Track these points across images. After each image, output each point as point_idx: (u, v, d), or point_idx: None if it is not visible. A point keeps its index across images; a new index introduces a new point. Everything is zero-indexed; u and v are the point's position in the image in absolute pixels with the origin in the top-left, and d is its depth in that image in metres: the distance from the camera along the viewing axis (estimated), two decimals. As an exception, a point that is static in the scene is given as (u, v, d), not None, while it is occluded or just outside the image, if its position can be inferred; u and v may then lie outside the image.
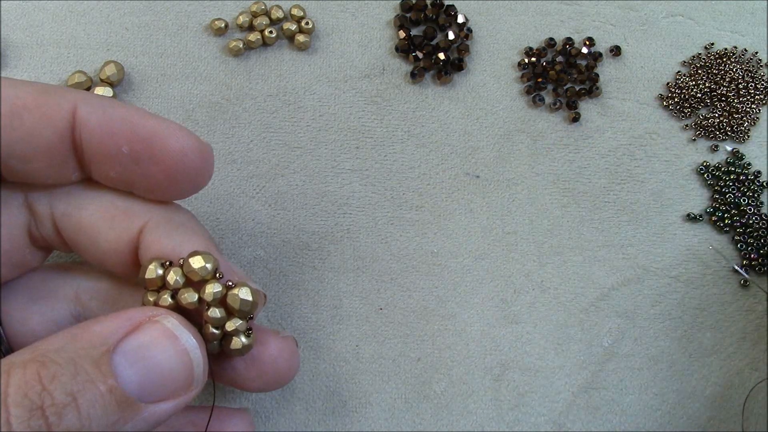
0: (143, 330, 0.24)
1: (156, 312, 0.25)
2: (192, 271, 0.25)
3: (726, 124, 0.38)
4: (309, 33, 0.38)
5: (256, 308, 0.26)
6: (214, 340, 0.26)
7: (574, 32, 0.39)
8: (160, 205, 0.27)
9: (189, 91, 0.37)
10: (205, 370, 0.25)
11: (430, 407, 0.34)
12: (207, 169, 0.27)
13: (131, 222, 0.27)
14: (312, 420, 0.33)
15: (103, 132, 0.25)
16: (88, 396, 0.21)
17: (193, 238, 0.27)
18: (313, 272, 0.35)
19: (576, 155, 0.37)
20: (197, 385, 0.25)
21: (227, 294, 0.25)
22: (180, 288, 0.25)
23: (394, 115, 0.37)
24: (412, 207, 0.36)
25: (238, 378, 0.28)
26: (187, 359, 0.24)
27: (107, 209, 0.27)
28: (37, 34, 0.37)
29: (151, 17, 0.38)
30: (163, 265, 0.25)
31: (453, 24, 0.39)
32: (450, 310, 0.35)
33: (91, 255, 0.27)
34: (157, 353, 0.23)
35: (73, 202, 0.27)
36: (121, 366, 0.23)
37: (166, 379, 0.24)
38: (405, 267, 0.35)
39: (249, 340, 0.26)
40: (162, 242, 0.26)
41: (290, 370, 0.28)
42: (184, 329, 0.24)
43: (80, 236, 0.27)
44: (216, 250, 0.27)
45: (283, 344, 0.28)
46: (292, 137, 0.37)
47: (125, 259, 0.27)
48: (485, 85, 0.38)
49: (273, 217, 0.36)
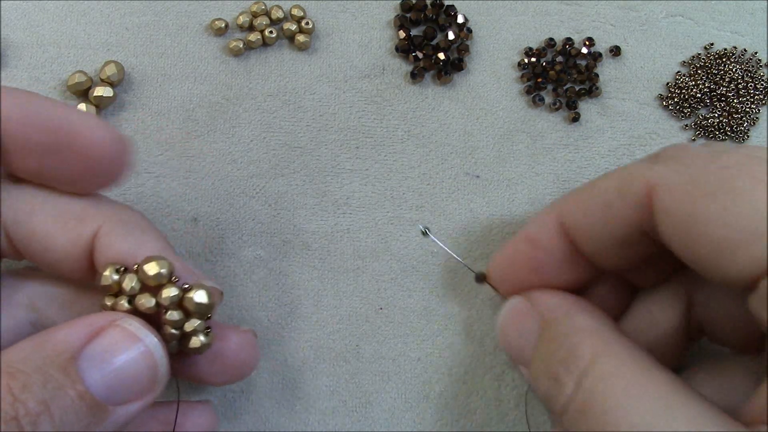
0: (106, 334, 0.24)
1: (116, 316, 0.25)
2: (148, 278, 0.25)
3: (726, 124, 0.38)
4: (309, 33, 0.38)
5: (213, 308, 0.26)
6: (173, 340, 0.26)
7: (574, 32, 0.39)
8: (112, 207, 0.28)
9: (189, 91, 0.37)
10: (167, 369, 0.25)
11: (430, 407, 0.34)
12: (124, 161, 0.27)
13: (84, 227, 0.27)
14: (312, 420, 0.33)
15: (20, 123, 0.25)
16: (59, 403, 0.22)
17: (147, 239, 0.27)
18: (313, 272, 0.35)
19: (576, 155, 0.38)
20: (161, 384, 0.25)
21: (184, 297, 0.26)
22: (136, 294, 0.26)
23: (394, 115, 0.37)
24: (412, 207, 0.36)
25: (202, 373, 0.28)
26: (151, 360, 0.25)
27: (59, 215, 0.27)
28: (37, 34, 0.37)
29: (151, 17, 0.38)
30: (119, 271, 0.26)
31: (453, 24, 0.39)
32: (450, 309, 0.35)
33: (44, 262, 0.27)
34: (122, 356, 0.24)
35: (23, 208, 0.27)
36: (87, 371, 0.23)
37: (131, 381, 0.24)
38: (405, 267, 0.35)
39: (208, 338, 0.27)
40: (117, 246, 0.26)
41: (251, 362, 0.29)
42: (146, 330, 0.25)
43: (33, 243, 0.27)
44: (170, 250, 0.28)
45: (243, 338, 0.29)
46: (292, 137, 0.37)
47: (80, 264, 0.27)
48: (485, 85, 0.38)
49: (273, 217, 0.36)
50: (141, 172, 0.35)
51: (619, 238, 0.27)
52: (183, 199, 0.35)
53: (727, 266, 0.23)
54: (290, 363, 0.34)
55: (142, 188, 0.35)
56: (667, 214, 0.24)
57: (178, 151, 0.36)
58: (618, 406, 0.23)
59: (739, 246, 0.22)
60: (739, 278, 0.23)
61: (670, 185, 0.24)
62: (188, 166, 0.36)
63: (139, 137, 0.36)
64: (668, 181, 0.24)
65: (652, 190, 0.25)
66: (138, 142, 0.36)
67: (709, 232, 0.23)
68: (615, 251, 0.28)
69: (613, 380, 0.24)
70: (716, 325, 0.29)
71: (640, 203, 0.25)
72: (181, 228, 0.35)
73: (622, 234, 0.27)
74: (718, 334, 0.29)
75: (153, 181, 0.35)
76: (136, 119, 0.36)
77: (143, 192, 0.35)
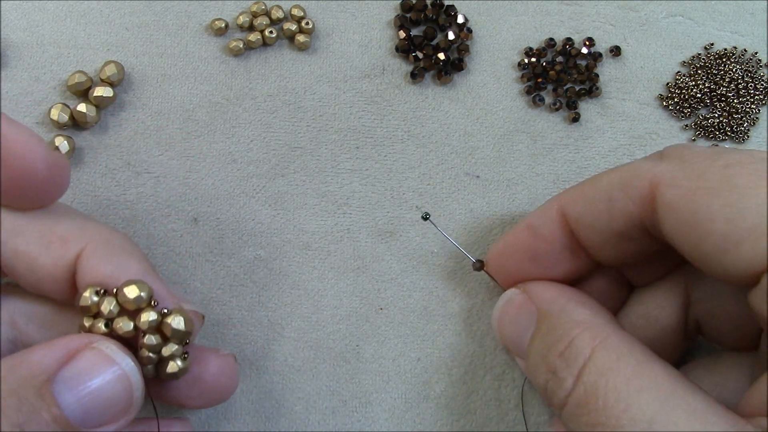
0: (81, 357, 0.24)
1: (92, 338, 0.25)
2: (127, 301, 0.25)
3: (726, 124, 0.38)
4: (309, 33, 0.38)
5: (191, 335, 0.26)
6: (149, 364, 0.26)
7: (574, 32, 0.39)
8: (96, 229, 0.27)
9: (189, 91, 0.37)
10: (143, 393, 0.25)
11: (430, 407, 0.34)
12: (57, 181, 0.26)
13: (68, 248, 0.26)
14: (312, 420, 0.33)
15: None
16: (34, 426, 0.22)
17: (130, 262, 0.27)
18: (313, 272, 0.35)
19: (576, 155, 0.38)
20: (136, 407, 0.25)
21: (162, 322, 0.26)
22: (114, 317, 0.26)
23: (394, 115, 0.37)
24: (412, 207, 0.36)
25: (180, 397, 0.28)
26: (127, 383, 0.25)
27: (43, 235, 0.27)
28: (37, 34, 0.37)
29: (151, 17, 0.38)
30: (98, 293, 0.26)
31: (453, 24, 0.39)
32: (450, 309, 0.35)
33: (27, 281, 0.27)
34: (97, 379, 0.24)
35: (8, 228, 0.26)
36: (62, 394, 0.23)
37: (107, 404, 0.24)
38: (405, 267, 0.35)
39: (185, 363, 0.26)
40: (99, 268, 0.26)
41: (230, 386, 0.29)
42: (122, 353, 0.25)
43: (16, 263, 0.26)
44: (153, 273, 0.27)
45: (223, 362, 0.29)
46: (292, 137, 0.37)
47: (62, 285, 0.27)
48: (485, 85, 0.38)
49: (273, 217, 0.36)
50: (141, 172, 0.35)
51: (619, 231, 0.27)
52: (183, 199, 0.35)
53: (729, 262, 0.23)
54: (290, 363, 0.34)
55: (142, 188, 0.35)
56: (671, 209, 0.24)
57: (178, 151, 0.36)
58: (619, 401, 0.23)
59: (741, 242, 0.23)
60: (741, 274, 0.23)
61: (674, 181, 0.25)
62: (188, 166, 0.36)
63: (139, 137, 0.36)
64: (672, 177, 0.25)
65: (655, 186, 0.25)
66: (138, 142, 0.36)
67: (712, 227, 0.23)
68: (614, 245, 0.28)
69: (613, 374, 0.24)
70: (713, 322, 0.29)
71: (643, 198, 0.26)
72: (181, 228, 0.35)
73: (623, 228, 0.27)
74: (714, 332, 0.29)
75: (153, 181, 0.35)
76: (136, 119, 0.36)
77: (143, 192, 0.35)
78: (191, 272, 0.35)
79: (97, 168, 0.35)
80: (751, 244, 0.23)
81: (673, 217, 0.25)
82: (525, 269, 0.30)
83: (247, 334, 0.34)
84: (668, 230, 0.25)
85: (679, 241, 0.25)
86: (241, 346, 0.34)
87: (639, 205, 0.26)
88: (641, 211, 0.26)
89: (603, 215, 0.27)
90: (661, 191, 0.25)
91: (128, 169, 0.35)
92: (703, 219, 0.24)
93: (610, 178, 0.27)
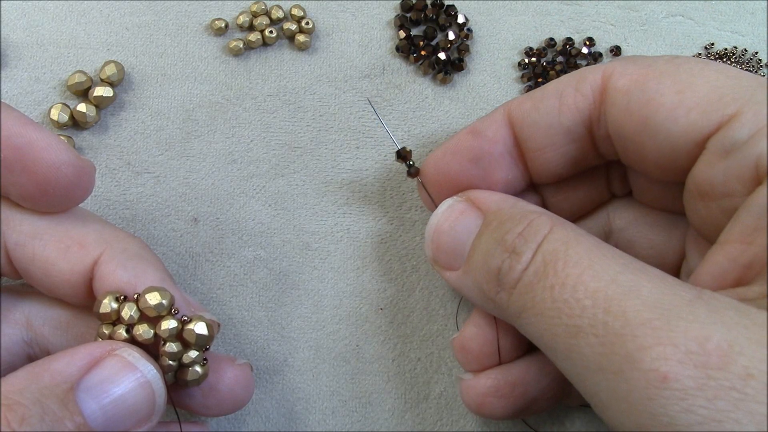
0: (104, 364, 0.24)
1: (114, 345, 0.25)
2: (148, 308, 0.25)
3: (726, 124, 0.38)
4: (309, 33, 0.38)
5: (211, 340, 0.26)
6: (169, 371, 0.26)
7: (574, 32, 0.39)
8: (113, 235, 0.27)
9: (189, 91, 0.37)
10: (165, 399, 0.25)
11: (430, 407, 0.34)
12: (82, 185, 0.27)
13: (86, 253, 0.26)
14: (312, 420, 0.33)
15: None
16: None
17: (148, 269, 0.27)
18: (313, 272, 0.35)
19: (576, 155, 0.38)
20: (158, 414, 0.25)
21: (183, 329, 0.26)
22: (135, 323, 0.26)
23: (394, 115, 0.37)
24: (411, 207, 0.36)
25: (196, 405, 0.28)
26: (149, 390, 0.25)
27: (61, 240, 0.26)
28: (37, 34, 0.37)
29: (151, 17, 0.38)
30: (118, 299, 0.26)
31: (453, 24, 0.39)
32: (450, 309, 0.35)
33: (43, 285, 0.27)
34: (120, 386, 0.24)
35: (26, 231, 0.26)
36: (85, 402, 0.23)
37: (130, 411, 0.24)
38: (405, 267, 0.35)
39: (204, 369, 0.27)
40: (117, 275, 0.26)
41: (246, 396, 0.29)
42: (145, 360, 0.25)
43: (33, 266, 0.26)
44: (170, 281, 0.27)
45: (239, 372, 0.28)
46: (292, 137, 0.37)
47: (79, 290, 0.27)
48: (485, 85, 0.38)
49: (273, 217, 0.36)
50: (141, 172, 0.35)
51: (566, 128, 0.28)
52: (183, 199, 0.35)
53: (678, 130, 0.25)
54: (290, 363, 0.34)
55: (142, 188, 0.35)
56: (621, 93, 0.26)
57: (178, 151, 0.36)
58: (581, 259, 0.24)
59: (692, 108, 0.25)
60: (689, 142, 0.25)
61: (626, 70, 0.27)
62: (188, 166, 0.36)
63: (139, 137, 0.36)
64: (624, 67, 0.27)
65: (608, 77, 0.27)
66: (138, 142, 0.36)
67: (662, 100, 0.25)
68: (556, 148, 0.28)
69: (574, 243, 0.25)
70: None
71: (595, 90, 0.27)
72: (181, 228, 0.35)
73: (569, 124, 0.28)
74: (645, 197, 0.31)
75: (153, 181, 0.35)
76: (136, 119, 0.36)
77: (143, 192, 0.35)
78: (191, 272, 0.35)
79: (97, 168, 0.35)
80: (701, 109, 0.25)
81: (624, 101, 0.26)
82: (465, 173, 0.29)
83: (247, 334, 0.34)
84: (615, 117, 0.27)
85: (624, 130, 0.26)
86: (241, 346, 0.34)
87: (590, 97, 0.27)
88: (590, 104, 0.27)
89: (552, 110, 0.28)
90: (614, 80, 0.27)
91: (128, 169, 0.35)
92: (654, 96, 0.25)
93: (560, 79, 0.29)
